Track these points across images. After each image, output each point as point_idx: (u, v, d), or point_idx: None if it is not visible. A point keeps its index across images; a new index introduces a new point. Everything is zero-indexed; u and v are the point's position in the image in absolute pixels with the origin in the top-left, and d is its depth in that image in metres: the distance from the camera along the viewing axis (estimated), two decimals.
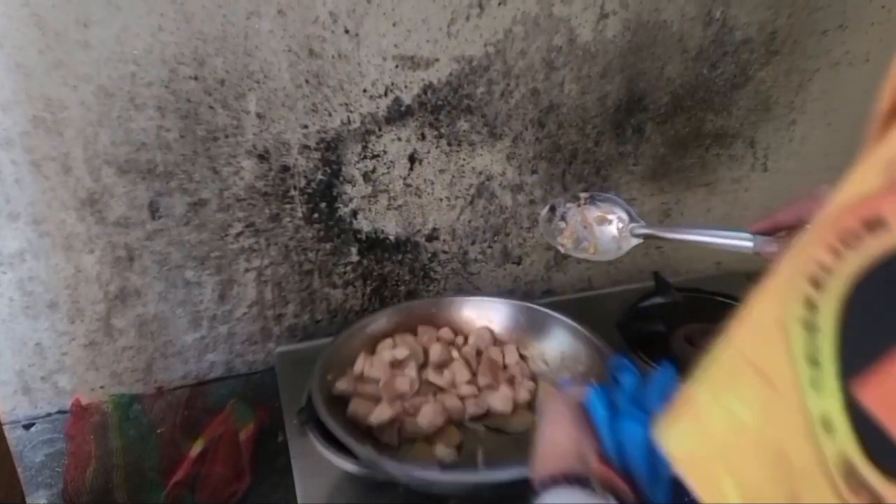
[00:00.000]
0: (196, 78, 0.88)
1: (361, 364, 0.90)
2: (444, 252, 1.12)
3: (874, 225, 0.20)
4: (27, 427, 0.97)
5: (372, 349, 0.95)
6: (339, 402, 0.85)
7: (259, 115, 0.93)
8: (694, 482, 0.27)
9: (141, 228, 0.93)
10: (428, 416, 0.83)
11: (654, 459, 0.51)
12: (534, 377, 0.93)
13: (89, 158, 0.88)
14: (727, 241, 0.66)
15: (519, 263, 1.18)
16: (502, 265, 1.17)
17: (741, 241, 0.65)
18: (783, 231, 0.64)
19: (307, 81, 0.93)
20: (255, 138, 0.94)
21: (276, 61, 0.90)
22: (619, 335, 1.02)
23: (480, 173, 1.08)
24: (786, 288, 0.23)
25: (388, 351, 0.92)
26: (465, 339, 0.98)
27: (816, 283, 0.21)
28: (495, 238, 1.14)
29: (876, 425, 0.19)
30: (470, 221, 1.11)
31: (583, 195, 0.84)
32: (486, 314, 1.01)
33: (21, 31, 0.78)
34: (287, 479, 0.83)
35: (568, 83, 1.05)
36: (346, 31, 0.91)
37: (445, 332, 0.98)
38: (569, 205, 0.83)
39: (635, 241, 0.78)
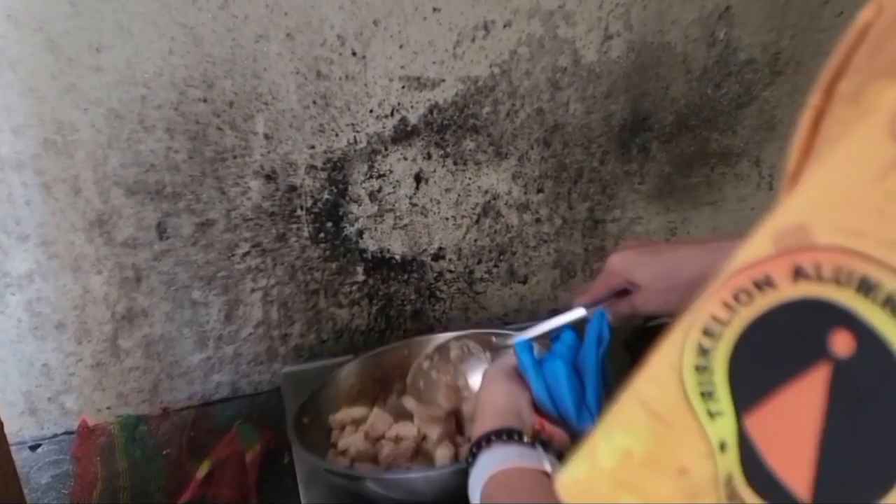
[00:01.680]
0: (205, 100, 0.89)
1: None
2: (450, 271, 1.12)
3: (763, 284, 0.24)
4: (33, 448, 0.97)
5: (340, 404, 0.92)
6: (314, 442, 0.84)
7: (267, 136, 0.94)
8: None
9: (149, 249, 0.94)
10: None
11: (577, 389, 0.57)
12: None
13: (99, 180, 0.88)
14: (566, 320, 0.73)
15: (525, 283, 1.18)
16: (508, 284, 1.17)
17: (576, 315, 0.72)
18: (603, 301, 0.73)
19: (314, 102, 0.94)
20: (263, 159, 0.95)
21: (283, 83, 0.91)
22: (628, 355, 1.02)
23: (486, 192, 1.09)
24: (680, 339, 0.27)
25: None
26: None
27: (710, 334, 0.26)
28: (501, 257, 1.14)
29: (755, 451, 0.24)
30: (476, 241, 1.12)
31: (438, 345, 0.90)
32: None
33: (34, 56, 0.80)
34: (293, 501, 0.83)
35: (573, 103, 1.06)
36: (354, 54, 0.92)
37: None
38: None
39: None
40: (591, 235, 1.18)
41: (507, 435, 0.53)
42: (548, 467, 0.50)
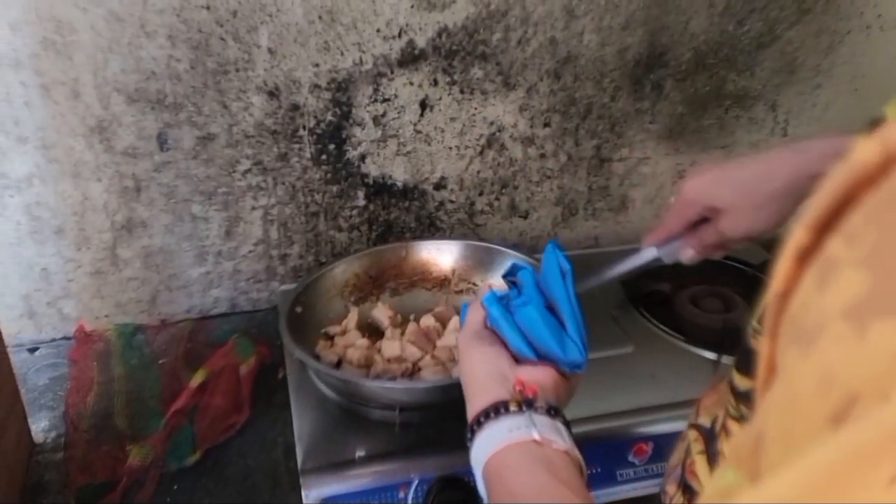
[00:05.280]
0: (208, 7, 0.86)
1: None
2: (451, 202, 1.11)
3: None
4: (32, 351, 0.99)
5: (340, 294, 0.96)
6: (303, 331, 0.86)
7: (270, 51, 0.92)
8: None
9: (149, 159, 0.93)
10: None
11: (555, 326, 0.55)
12: None
13: (99, 85, 0.87)
14: (640, 264, 0.68)
15: (526, 217, 1.17)
16: (509, 218, 1.16)
17: (648, 256, 0.67)
18: (679, 235, 0.66)
19: (320, 17, 0.91)
20: (266, 74, 0.93)
21: None
22: (624, 292, 1.02)
23: (492, 123, 1.07)
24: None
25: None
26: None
27: None
28: (503, 190, 1.13)
29: None
30: (478, 172, 1.10)
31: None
32: (445, 255, 1.00)
33: None
34: (285, 415, 0.84)
35: (588, 33, 1.02)
36: None
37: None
38: None
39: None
40: (595, 174, 1.16)
41: (494, 411, 0.52)
42: (536, 435, 0.49)
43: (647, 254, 0.67)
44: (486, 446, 0.50)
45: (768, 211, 0.58)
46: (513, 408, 0.52)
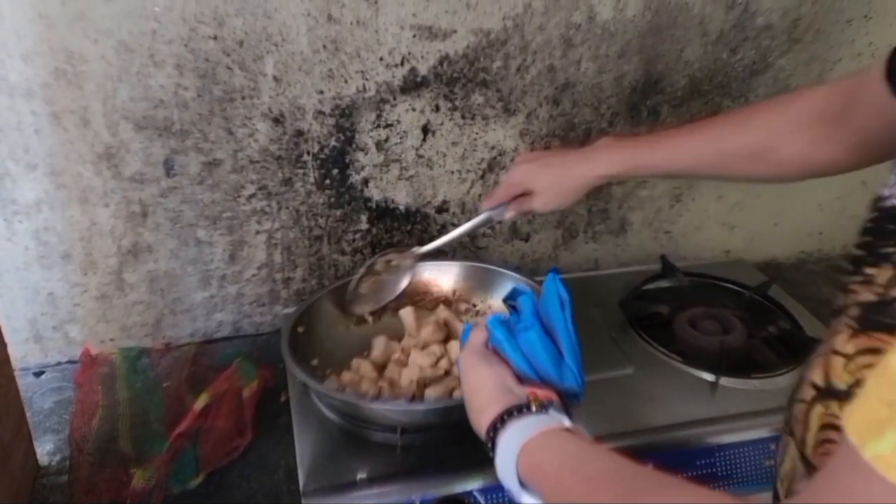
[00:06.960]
0: (215, 38, 0.89)
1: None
2: (453, 225, 1.13)
3: None
4: (37, 374, 1.00)
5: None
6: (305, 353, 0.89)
7: (276, 79, 0.94)
8: None
9: (155, 185, 0.95)
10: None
11: (554, 353, 0.59)
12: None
13: (108, 113, 0.89)
14: (478, 221, 0.90)
15: (527, 240, 1.18)
16: (510, 241, 1.18)
17: (485, 216, 0.89)
18: (506, 203, 0.87)
19: (325, 47, 0.94)
20: (271, 101, 0.95)
21: (294, 24, 0.91)
22: (623, 314, 1.03)
23: (493, 148, 1.09)
24: None
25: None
26: None
27: None
28: None
29: None
30: (480, 195, 1.12)
31: (366, 265, 0.99)
32: (446, 276, 1.03)
33: None
34: (288, 438, 0.85)
35: (585, 61, 1.05)
36: None
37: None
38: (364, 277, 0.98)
39: (419, 264, 0.98)
40: (595, 197, 1.18)
41: (517, 410, 0.54)
42: (568, 423, 0.51)
43: (484, 215, 0.89)
44: (518, 436, 0.51)
45: (565, 197, 0.84)
46: (534, 407, 0.53)
